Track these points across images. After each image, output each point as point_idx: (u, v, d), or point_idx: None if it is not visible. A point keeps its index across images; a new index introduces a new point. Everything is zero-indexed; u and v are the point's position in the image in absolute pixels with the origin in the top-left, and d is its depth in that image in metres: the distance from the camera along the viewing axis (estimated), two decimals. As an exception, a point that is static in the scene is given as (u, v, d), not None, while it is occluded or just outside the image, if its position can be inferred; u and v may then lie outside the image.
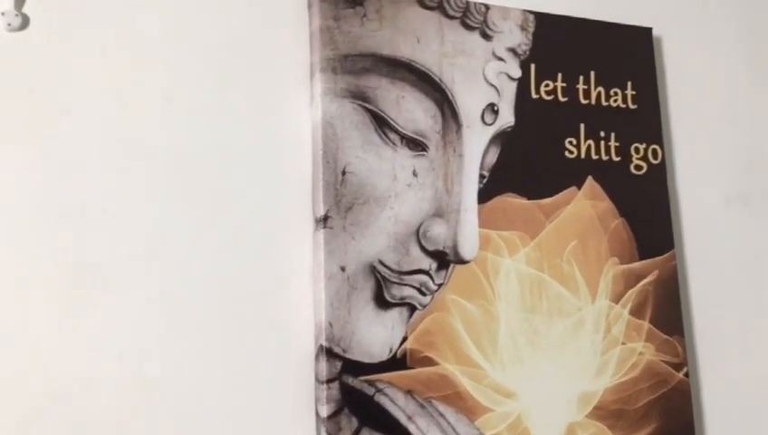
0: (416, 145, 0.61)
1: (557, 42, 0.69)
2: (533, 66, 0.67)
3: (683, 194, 0.74)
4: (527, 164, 0.65)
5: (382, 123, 0.60)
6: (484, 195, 0.63)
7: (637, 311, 0.66)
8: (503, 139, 0.65)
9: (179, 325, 0.55)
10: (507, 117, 0.65)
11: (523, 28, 0.67)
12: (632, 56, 0.72)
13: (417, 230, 0.60)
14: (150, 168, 0.57)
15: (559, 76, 0.68)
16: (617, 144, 0.69)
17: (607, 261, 0.66)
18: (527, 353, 0.62)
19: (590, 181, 0.67)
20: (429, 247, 0.60)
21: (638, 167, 0.70)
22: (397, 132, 0.61)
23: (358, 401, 0.56)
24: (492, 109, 0.64)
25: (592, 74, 0.70)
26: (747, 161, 0.78)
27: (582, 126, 0.68)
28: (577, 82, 0.69)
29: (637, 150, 0.70)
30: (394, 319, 0.58)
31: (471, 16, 0.65)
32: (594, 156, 0.68)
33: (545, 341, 0.63)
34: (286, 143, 0.60)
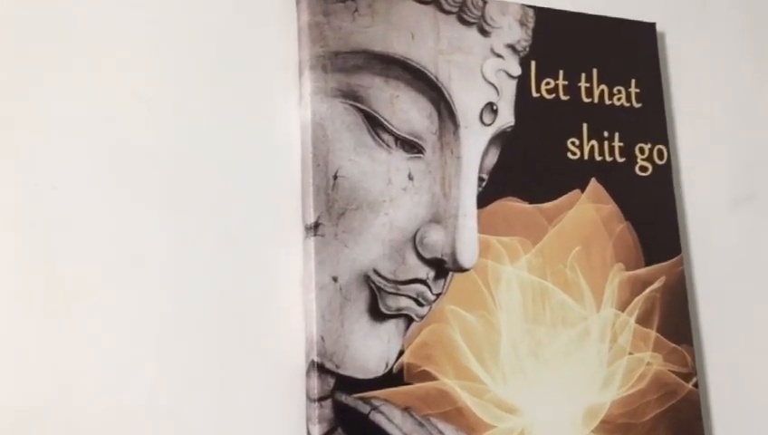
0: (411, 147, 0.60)
1: (557, 38, 0.67)
2: (534, 63, 0.66)
3: (688, 196, 0.72)
4: (528, 166, 0.64)
5: (375, 124, 0.59)
6: (483, 199, 0.61)
7: (643, 319, 0.65)
8: (502, 140, 0.63)
9: (160, 341, 0.53)
10: (507, 117, 0.63)
11: (523, 23, 0.66)
12: (636, 53, 0.70)
13: (413, 237, 0.58)
14: (129, 173, 0.55)
15: (560, 74, 0.67)
16: (621, 144, 0.68)
17: (612, 267, 0.65)
18: (530, 366, 0.60)
19: (594, 183, 0.66)
20: (426, 255, 0.58)
21: (644, 168, 0.68)
22: (391, 133, 0.59)
23: (352, 420, 0.54)
24: (491, 108, 0.63)
25: (594, 72, 0.68)
26: (754, 161, 0.76)
27: (585, 126, 0.67)
28: (579, 80, 0.67)
29: (642, 151, 0.68)
30: (390, 332, 0.56)
31: (468, 11, 0.63)
32: (598, 157, 0.67)
33: (549, 352, 0.61)
34: (273, 146, 0.58)
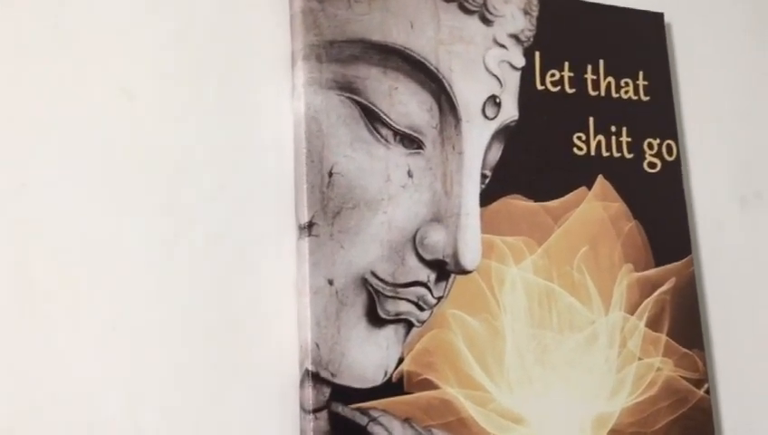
0: (411, 142, 0.57)
1: (563, 27, 0.65)
2: (538, 54, 0.63)
3: (696, 194, 0.70)
4: (533, 162, 0.61)
5: (373, 118, 0.56)
6: (486, 197, 0.59)
7: (653, 323, 0.62)
8: (506, 134, 0.61)
9: (142, 350, 0.50)
10: (511, 110, 0.61)
11: (527, 12, 0.63)
12: (643, 43, 0.68)
13: (413, 237, 0.56)
14: (108, 170, 0.52)
15: (566, 65, 0.64)
16: (629, 139, 0.65)
17: (621, 268, 0.62)
18: (536, 373, 0.58)
19: (601, 180, 0.63)
20: (427, 256, 0.56)
21: (652, 164, 0.66)
22: (389, 128, 0.57)
23: (349, 433, 0.52)
24: (494, 101, 0.60)
25: (601, 63, 0.66)
26: (765, 157, 0.74)
27: (592, 120, 0.64)
28: (585, 72, 0.65)
29: (650, 146, 0.66)
30: (389, 338, 0.54)
31: (469, -2, 0.61)
32: (605, 153, 0.64)
33: (556, 358, 0.59)
34: (264, 141, 0.56)
